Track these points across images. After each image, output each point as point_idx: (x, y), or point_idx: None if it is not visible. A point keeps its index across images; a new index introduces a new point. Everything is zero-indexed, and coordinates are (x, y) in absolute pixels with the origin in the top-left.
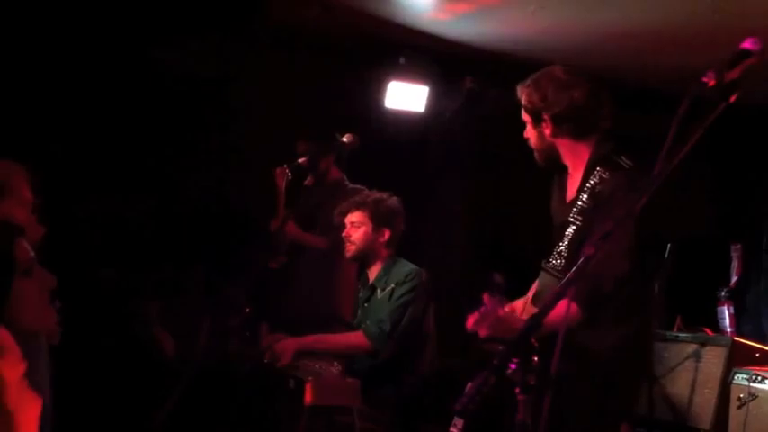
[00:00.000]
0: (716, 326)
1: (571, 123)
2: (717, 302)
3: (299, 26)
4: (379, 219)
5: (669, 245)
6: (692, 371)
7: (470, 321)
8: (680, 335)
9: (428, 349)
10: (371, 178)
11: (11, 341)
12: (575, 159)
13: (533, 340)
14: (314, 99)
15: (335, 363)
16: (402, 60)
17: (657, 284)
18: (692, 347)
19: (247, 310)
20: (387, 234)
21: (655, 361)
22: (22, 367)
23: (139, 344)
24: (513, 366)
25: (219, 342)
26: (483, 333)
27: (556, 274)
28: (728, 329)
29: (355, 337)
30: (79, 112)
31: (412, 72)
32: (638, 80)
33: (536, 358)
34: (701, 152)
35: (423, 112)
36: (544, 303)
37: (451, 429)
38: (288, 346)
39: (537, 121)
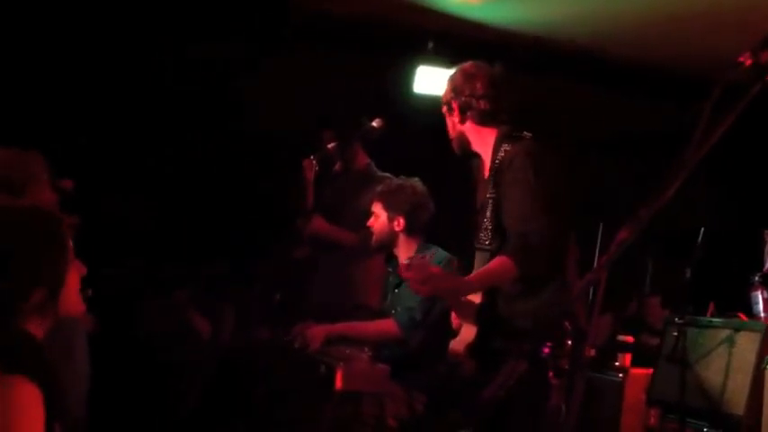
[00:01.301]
0: (750, 311)
1: (474, 110)
2: (749, 288)
3: (328, 13)
4: (392, 208)
5: (702, 230)
6: (725, 356)
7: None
8: (713, 320)
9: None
10: (401, 165)
11: None
12: (483, 145)
13: (567, 324)
14: (343, 86)
15: (365, 349)
16: (430, 45)
17: (688, 270)
18: (725, 333)
19: (276, 297)
20: (401, 222)
21: (687, 346)
22: None
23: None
24: (546, 351)
25: (247, 329)
26: (423, 289)
27: (486, 247)
28: (762, 315)
29: (386, 325)
30: (87, 110)
31: (441, 57)
32: (670, 66)
33: (569, 342)
34: (733, 138)
35: None
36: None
37: None
38: (318, 332)
39: (450, 111)
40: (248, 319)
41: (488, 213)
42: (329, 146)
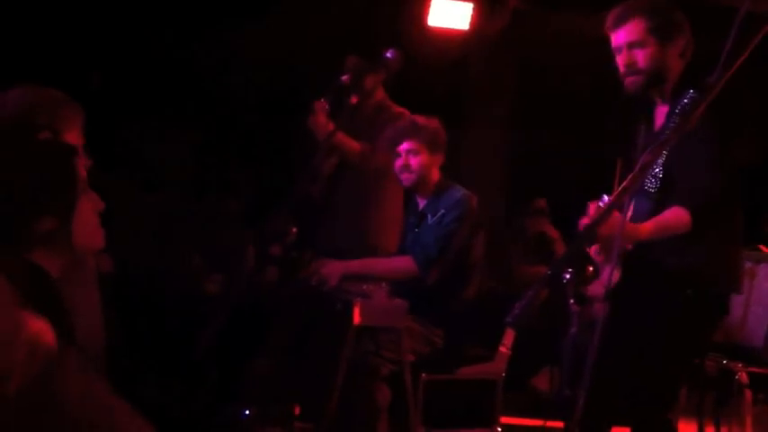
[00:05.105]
0: None
1: (680, 39)
2: None
3: None
4: (433, 145)
5: None
6: (745, 289)
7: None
8: None
9: (475, 276)
10: (410, 100)
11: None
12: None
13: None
14: (356, 16)
15: (383, 284)
16: None
17: None
18: (746, 265)
19: (294, 230)
20: (441, 159)
21: None
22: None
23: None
24: (567, 276)
25: (264, 268)
26: (602, 232)
27: (650, 191)
28: None
29: (403, 262)
30: (119, 39)
31: None
32: None
33: (591, 268)
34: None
35: (467, 31)
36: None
37: (501, 349)
38: (335, 269)
39: (666, 38)
40: (265, 257)
41: (661, 160)
42: (342, 77)
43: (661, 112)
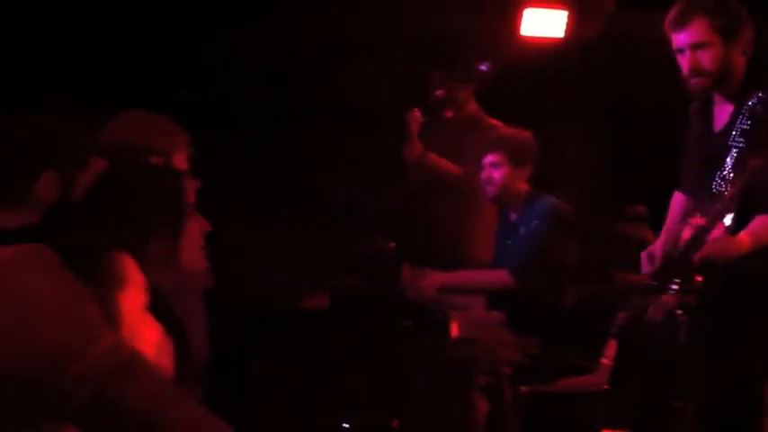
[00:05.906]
0: None
1: (744, 36)
2: None
3: None
4: (517, 157)
5: None
6: None
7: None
8: None
9: (572, 285)
10: (503, 112)
11: (136, 271)
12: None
13: (694, 259)
14: (445, 27)
15: (480, 297)
16: None
17: None
18: None
19: (391, 245)
20: (527, 171)
21: None
22: (142, 297)
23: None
24: (674, 287)
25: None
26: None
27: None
28: None
29: (499, 275)
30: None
31: None
32: None
33: (699, 278)
34: None
35: (562, 39)
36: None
37: (603, 361)
38: (432, 281)
39: (731, 36)
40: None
41: (729, 161)
42: (437, 92)
43: (723, 111)
